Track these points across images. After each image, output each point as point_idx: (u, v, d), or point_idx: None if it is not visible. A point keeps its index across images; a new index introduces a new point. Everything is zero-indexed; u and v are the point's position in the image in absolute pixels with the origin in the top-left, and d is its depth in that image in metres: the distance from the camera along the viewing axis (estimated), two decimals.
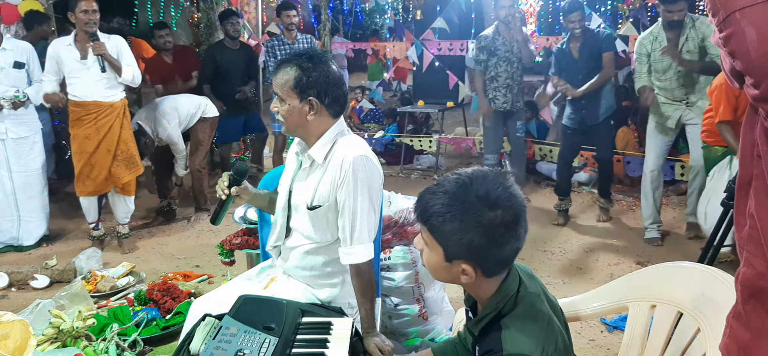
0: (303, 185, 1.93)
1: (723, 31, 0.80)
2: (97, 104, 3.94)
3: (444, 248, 1.23)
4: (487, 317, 1.28)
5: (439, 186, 1.25)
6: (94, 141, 3.96)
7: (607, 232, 4.49)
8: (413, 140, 6.66)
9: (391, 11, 7.94)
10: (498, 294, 1.27)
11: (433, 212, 1.22)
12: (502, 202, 1.19)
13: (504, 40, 4.89)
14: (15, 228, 4.23)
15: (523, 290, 1.29)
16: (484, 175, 1.23)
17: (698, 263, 1.86)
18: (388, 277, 2.72)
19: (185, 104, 4.76)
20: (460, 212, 1.19)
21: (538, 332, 1.22)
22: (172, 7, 8.16)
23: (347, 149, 1.84)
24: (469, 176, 1.23)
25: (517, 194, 1.22)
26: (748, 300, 0.91)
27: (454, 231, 1.20)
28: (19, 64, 4.09)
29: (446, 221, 1.20)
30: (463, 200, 1.20)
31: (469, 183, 1.22)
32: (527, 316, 1.25)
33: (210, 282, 3.65)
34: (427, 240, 1.27)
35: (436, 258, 1.26)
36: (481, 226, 1.18)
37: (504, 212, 1.19)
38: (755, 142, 0.87)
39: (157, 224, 4.85)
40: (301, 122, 1.85)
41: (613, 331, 2.95)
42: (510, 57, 4.90)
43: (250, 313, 1.68)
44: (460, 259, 1.22)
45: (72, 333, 2.66)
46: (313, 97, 1.81)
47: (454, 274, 1.26)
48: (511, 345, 1.20)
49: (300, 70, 1.81)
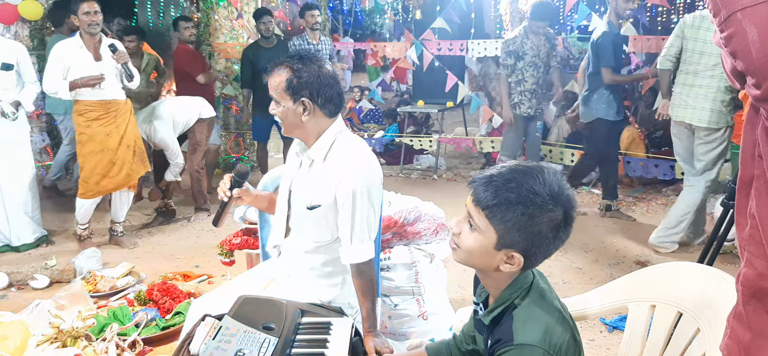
0: (302, 185, 1.93)
1: (724, 31, 0.80)
2: (115, 102, 4.00)
3: (499, 235, 1.22)
4: (499, 307, 1.29)
5: (500, 173, 1.24)
6: (116, 138, 3.99)
7: (607, 232, 4.49)
8: (413, 140, 6.66)
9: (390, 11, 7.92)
10: (513, 285, 1.29)
11: (502, 201, 1.20)
12: (564, 200, 1.22)
13: (532, 43, 4.83)
14: (7, 230, 4.16)
15: (536, 283, 1.31)
16: (549, 170, 1.25)
17: (698, 263, 1.86)
18: (388, 277, 2.72)
19: (182, 107, 4.76)
20: (532, 205, 1.19)
21: (548, 323, 1.23)
22: (172, 7, 8.15)
23: (346, 149, 1.85)
24: (539, 168, 1.24)
25: (573, 195, 1.26)
26: (749, 301, 0.91)
27: (522, 223, 1.20)
28: (7, 65, 3.93)
29: (515, 212, 1.20)
30: (536, 193, 1.20)
31: (539, 177, 1.22)
32: (538, 307, 1.26)
33: (210, 282, 3.65)
34: (478, 224, 1.24)
35: (484, 243, 1.24)
36: (550, 222, 1.21)
37: (565, 209, 1.22)
38: (756, 142, 0.87)
39: (157, 225, 4.84)
40: (297, 123, 1.86)
41: (613, 331, 2.95)
42: (537, 61, 4.86)
43: (249, 313, 1.67)
44: (513, 248, 1.23)
45: (72, 333, 2.65)
46: (305, 98, 1.81)
47: (496, 261, 1.25)
48: (522, 334, 1.21)
49: (291, 71, 1.81)
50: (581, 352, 1.29)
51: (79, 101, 3.94)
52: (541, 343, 1.19)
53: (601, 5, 6.92)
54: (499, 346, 1.24)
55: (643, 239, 4.25)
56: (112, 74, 3.96)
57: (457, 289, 3.38)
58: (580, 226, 4.63)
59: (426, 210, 2.75)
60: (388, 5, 7.66)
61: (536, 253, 1.24)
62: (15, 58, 4.00)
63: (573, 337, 1.27)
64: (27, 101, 4.06)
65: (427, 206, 2.78)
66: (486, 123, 6.38)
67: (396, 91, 11.79)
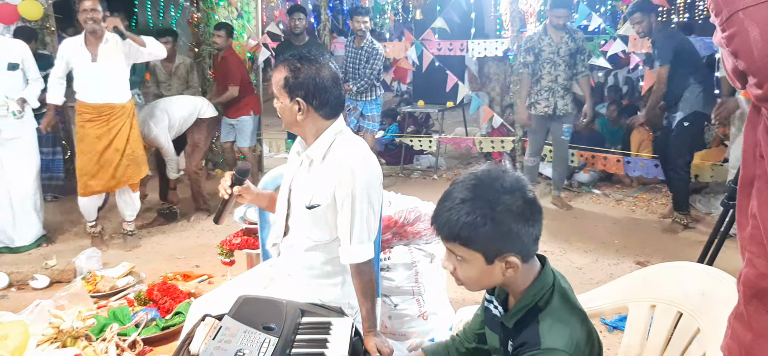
0: (302, 184, 1.93)
1: (726, 30, 0.80)
2: (110, 106, 3.98)
3: (483, 253, 1.23)
4: (523, 309, 1.28)
5: (450, 200, 1.24)
6: (105, 141, 3.99)
7: (607, 232, 4.49)
8: (413, 140, 6.65)
9: (390, 11, 7.91)
10: (535, 286, 1.28)
11: (462, 225, 1.21)
12: (514, 186, 1.22)
13: (550, 40, 4.70)
14: (10, 228, 4.20)
15: (558, 284, 1.30)
16: (485, 171, 1.26)
17: (698, 263, 1.86)
18: (388, 277, 2.72)
19: (179, 106, 4.74)
20: (489, 210, 1.19)
21: (574, 326, 1.24)
22: (172, 7, 8.15)
23: (346, 149, 1.85)
24: (476, 176, 1.24)
25: (519, 176, 1.26)
26: (750, 301, 0.91)
27: (491, 231, 1.19)
28: (12, 65, 4.00)
29: (479, 226, 1.19)
30: (487, 199, 1.20)
31: (480, 182, 1.22)
32: (564, 310, 1.26)
33: (210, 282, 3.65)
34: (461, 255, 1.25)
35: (476, 268, 1.25)
36: (512, 213, 1.20)
37: (521, 193, 1.22)
38: (758, 142, 0.87)
39: (157, 225, 4.84)
40: (293, 121, 1.87)
41: (613, 331, 2.95)
42: (554, 59, 4.70)
43: (249, 313, 1.67)
44: (502, 254, 1.22)
45: (72, 334, 2.65)
46: (300, 98, 1.82)
47: (497, 274, 1.25)
48: (550, 339, 1.21)
49: (289, 70, 1.82)
50: (601, 349, 1.31)
51: (78, 101, 4.01)
52: (567, 347, 1.20)
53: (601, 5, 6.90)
54: (524, 349, 1.24)
55: (644, 239, 4.24)
56: (108, 77, 3.94)
57: (457, 289, 3.38)
58: (580, 226, 4.63)
59: (426, 210, 2.75)
60: (388, 5, 7.64)
61: (524, 244, 1.23)
62: (20, 57, 4.06)
63: (595, 337, 1.29)
64: (32, 97, 4.12)
65: (427, 206, 2.78)
66: (486, 123, 6.38)
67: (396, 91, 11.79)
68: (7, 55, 3.99)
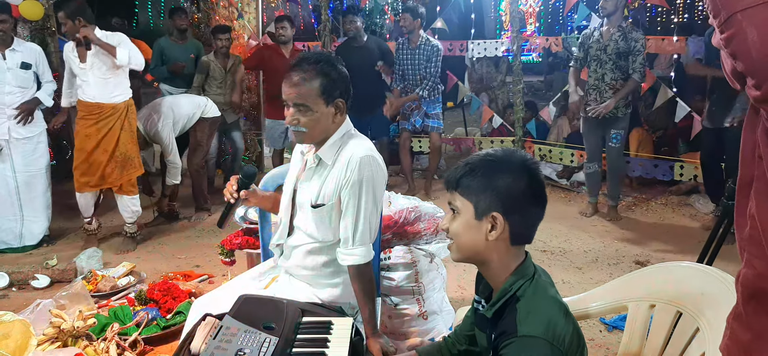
0: (308, 184, 1.93)
1: (724, 32, 0.80)
2: (99, 106, 4.02)
3: (474, 204, 1.29)
4: (502, 299, 1.30)
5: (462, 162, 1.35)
6: (94, 140, 4.04)
7: (607, 232, 4.49)
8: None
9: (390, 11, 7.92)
10: (515, 275, 1.30)
11: (465, 173, 1.31)
12: (519, 156, 1.31)
13: (599, 36, 4.37)
14: (18, 227, 4.27)
15: (538, 276, 1.32)
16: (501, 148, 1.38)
17: (698, 263, 1.87)
18: (388, 277, 2.72)
19: (184, 105, 4.73)
20: (491, 164, 1.30)
21: (551, 315, 1.24)
22: (172, 7, 8.15)
23: (354, 149, 1.84)
24: (495, 149, 1.36)
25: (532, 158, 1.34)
26: (749, 301, 0.91)
27: (487, 183, 1.28)
28: (26, 65, 4.15)
29: (478, 176, 1.29)
30: (492, 155, 1.32)
31: (494, 152, 1.34)
32: (541, 299, 1.27)
33: (210, 282, 3.65)
34: (456, 205, 1.32)
35: (466, 219, 1.31)
36: (510, 172, 1.28)
37: (522, 161, 1.30)
38: (756, 143, 0.88)
39: (158, 224, 4.84)
40: (327, 127, 1.85)
41: (613, 331, 2.95)
42: (601, 57, 4.35)
43: (250, 313, 1.68)
44: (490, 211, 1.28)
45: (72, 333, 2.66)
46: (339, 98, 1.83)
47: (483, 233, 1.29)
48: (526, 326, 1.21)
49: (323, 75, 1.79)
50: (584, 346, 1.30)
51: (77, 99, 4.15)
52: (544, 335, 1.19)
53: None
54: (502, 339, 1.24)
55: (643, 239, 4.25)
56: (96, 79, 3.98)
57: (457, 289, 3.38)
58: (581, 226, 4.63)
59: (426, 210, 2.75)
60: (388, 5, 7.64)
61: (514, 208, 1.28)
62: (34, 59, 4.23)
63: (576, 331, 1.28)
64: (46, 97, 4.27)
65: (427, 206, 2.78)
66: (486, 123, 6.38)
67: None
68: (22, 55, 4.15)
